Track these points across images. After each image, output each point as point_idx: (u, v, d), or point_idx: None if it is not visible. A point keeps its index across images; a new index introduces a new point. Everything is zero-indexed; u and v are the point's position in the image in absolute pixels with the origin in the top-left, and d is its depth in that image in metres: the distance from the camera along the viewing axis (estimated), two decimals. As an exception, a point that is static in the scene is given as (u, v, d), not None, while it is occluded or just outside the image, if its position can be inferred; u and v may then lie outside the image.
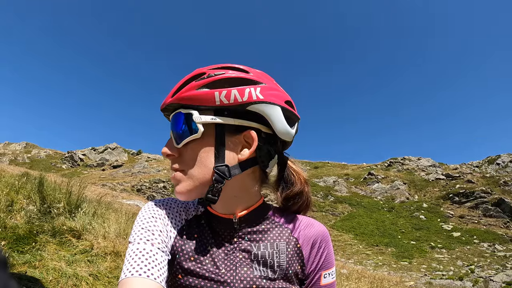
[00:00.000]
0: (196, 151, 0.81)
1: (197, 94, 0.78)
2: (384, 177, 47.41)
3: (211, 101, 0.78)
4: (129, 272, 0.67)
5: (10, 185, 5.83)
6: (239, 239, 0.85)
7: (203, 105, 0.79)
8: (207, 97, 0.78)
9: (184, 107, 0.81)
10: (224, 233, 0.85)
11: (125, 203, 13.91)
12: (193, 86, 0.79)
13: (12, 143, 69.32)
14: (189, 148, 0.81)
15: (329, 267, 0.90)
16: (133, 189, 36.90)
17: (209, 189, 0.80)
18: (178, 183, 0.82)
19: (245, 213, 0.86)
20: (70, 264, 3.87)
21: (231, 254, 0.83)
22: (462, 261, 22.04)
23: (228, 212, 0.85)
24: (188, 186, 0.81)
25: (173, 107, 0.84)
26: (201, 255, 0.81)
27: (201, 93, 0.78)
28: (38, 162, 58.39)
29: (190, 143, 0.80)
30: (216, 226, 0.86)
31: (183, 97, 0.80)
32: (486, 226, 29.95)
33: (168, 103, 0.83)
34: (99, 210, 5.87)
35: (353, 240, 28.34)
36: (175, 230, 0.84)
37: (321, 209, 37.27)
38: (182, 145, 0.81)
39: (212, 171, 0.79)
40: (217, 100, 0.77)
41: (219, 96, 0.77)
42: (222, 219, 0.85)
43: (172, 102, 0.82)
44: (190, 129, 0.79)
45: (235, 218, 0.84)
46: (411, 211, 35.89)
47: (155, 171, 48.89)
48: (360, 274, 12.21)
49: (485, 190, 35.09)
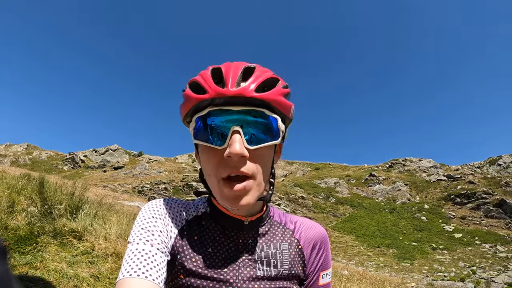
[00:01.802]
0: (264, 157, 0.79)
1: (284, 102, 0.78)
2: (386, 178, 47.42)
3: (288, 112, 0.80)
4: (127, 273, 0.66)
5: (12, 186, 5.83)
6: (244, 240, 0.86)
7: (284, 114, 0.79)
8: (288, 108, 0.80)
9: (269, 110, 0.77)
10: (231, 233, 0.86)
11: (126, 204, 13.93)
12: (281, 93, 0.77)
13: (14, 145, 69.42)
14: (258, 151, 0.76)
15: (327, 267, 0.95)
16: (134, 191, 36.95)
17: (268, 196, 0.84)
18: (246, 194, 0.74)
19: (256, 217, 0.88)
20: (71, 265, 3.86)
21: (235, 254, 0.83)
22: (464, 262, 22.02)
23: (243, 214, 0.86)
24: (256, 196, 0.77)
25: (254, 104, 0.75)
26: (202, 255, 0.81)
27: (286, 103, 0.79)
28: (40, 163, 58.46)
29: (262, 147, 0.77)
30: (226, 225, 0.86)
31: (274, 99, 0.76)
32: (488, 227, 29.92)
33: (254, 96, 0.73)
34: (100, 212, 5.87)
35: (355, 241, 28.34)
36: (176, 230, 0.83)
37: (323, 210, 37.30)
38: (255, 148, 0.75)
39: (269, 178, 0.83)
40: (291, 114, 0.82)
41: (292, 110, 0.82)
42: (234, 219, 0.85)
43: (259, 98, 0.74)
44: (272, 134, 0.78)
45: (246, 221, 0.85)
46: (412, 212, 35.86)
47: (156, 172, 48.90)
48: (361, 275, 12.21)
49: (486, 191, 35.07)
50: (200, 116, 0.76)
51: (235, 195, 0.73)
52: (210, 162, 0.76)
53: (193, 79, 0.79)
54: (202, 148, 0.79)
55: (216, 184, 0.76)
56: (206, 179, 0.82)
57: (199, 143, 0.77)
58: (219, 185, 0.75)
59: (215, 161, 0.75)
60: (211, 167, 0.76)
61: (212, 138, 0.75)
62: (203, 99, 0.74)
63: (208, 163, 0.77)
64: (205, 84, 0.74)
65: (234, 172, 0.73)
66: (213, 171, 0.76)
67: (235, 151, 0.70)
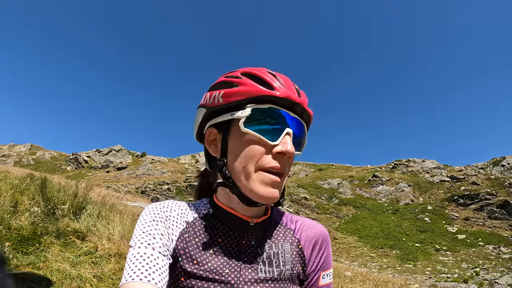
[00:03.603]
0: (291, 163, 0.84)
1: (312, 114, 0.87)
2: (389, 179, 47.27)
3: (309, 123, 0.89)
4: (129, 277, 0.66)
5: (15, 186, 5.85)
6: (247, 241, 0.86)
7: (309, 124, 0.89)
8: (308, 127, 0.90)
9: (307, 125, 0.88)
10: (235, 233, 0.85)
11: (130, 205, 13.97)
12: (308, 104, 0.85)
13: (17, 145, 69.61)
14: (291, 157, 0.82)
15: (327, 268, 0.93)
16: (138, 191, 36.99)
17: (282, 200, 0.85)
18: (279, 189, 0.80)
19: (262, 219, 0.89)
20: (74, 266, 3.87)
21: (237, 255, 0.83)
22: (467, 264, 21.92)
23: (250, 215, 0.86)
24: (279, 194, 0.81)
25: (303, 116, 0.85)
26: (204, 256, 0.81)
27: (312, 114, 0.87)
28: (43, 163, 58.61)
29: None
30: (231, 226, 0.86)
31: (309, 112, 0.86)
32: (491, 228, 29.77)
33: (307, 110, 0.85)
34: (104, 212, 5.89)
35: (358, 242, 28.26)
36: (177, 233, 0.83)
37: (326, 211, 37.22)
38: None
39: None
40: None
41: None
42: (240, 220, 0.85)
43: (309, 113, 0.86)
44: (300, 146, 0.86)
45: (252, 222, 0.85)
46: (415, 213, 35.74)
47: (159, 173, 48.95)
48: (364, 276, 12.17)
49: (490, 192, 34.89)
50: (258, 108, 0.79)
51: (272, 185, 0.78)
52: (254, 151, 0.78)
53: (251, 72, 0.82)
54: (243, 137, 0.80)
55: (253, 173, 0.78)
56: (234, 167, 0.81)
57: (250, 132, 0.78)
58: (258, 174, 0.78)
59: (260, 152, 0.78)
60: (252, 155, 0.78)
61: (266, 132, 0.78)
62: (270, 95, 0.78)
63: (249, 152, 0.79)
64: (273, 83, 0.79)
65: (277, 167, 0.78)
66: (254, 159, 0.78)
67: (291, 150, 0.77)
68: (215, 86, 0.86)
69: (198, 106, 0.91)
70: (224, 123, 0.84)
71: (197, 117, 0.91)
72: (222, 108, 0.82)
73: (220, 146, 0.85)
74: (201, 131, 0.93)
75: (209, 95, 0.85)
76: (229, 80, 0.83)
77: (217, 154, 0.86)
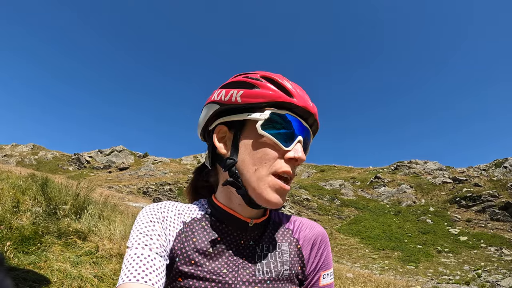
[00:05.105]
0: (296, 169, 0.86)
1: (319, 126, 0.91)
2: (391, 181, 47.20)
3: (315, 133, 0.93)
4: (126, 278, 0.66)
5: (17, 186, 5.87)
6: (245, 241, 0.86)
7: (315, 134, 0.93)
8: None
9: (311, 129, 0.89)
10: (234, 234, 0.85)
11: (131, 205, 13.98)
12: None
13: (19, 145, 69.92)
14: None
15: (327, 268, 0.92)
16: (139, 192, 37.08)
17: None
18: (285, 196, 0.82)
19: (261, 220, 0.88)
20: (75, 266, 3.88)
21: (235, 255, 0.83)
22: (469, 266, 21.83)
23: (249, 216, 0.86)
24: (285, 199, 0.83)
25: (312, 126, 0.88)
26: (201, 257, 0.80)
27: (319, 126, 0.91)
28: (45, 163, 58.82)
29: None
30: (230, 226, 0.86)
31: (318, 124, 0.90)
32: (493, 230, 29.66)
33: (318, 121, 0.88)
34: (105, 212, 5.90)
35: (359, 244, 28.22)
36: (174, 233, 0.82)
37: (327, 212, 37.18)
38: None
39: None
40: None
41: None
42: (239, 220, 0.85)
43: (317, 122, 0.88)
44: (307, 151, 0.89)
45: (251, 223, 0.85)
46: (417, 215, 35.64)
47: (161, 173, 49.06)
48: (366, 278, 12.17)
49: (492, 193, 34.77)
50: (276, 113, 0.79)
51: (282, 193, 0.80)
52: (268, 155, 0.79)
53: (271, 77, 0.83)
54: (258, 139, 0.80)
55: (265, 176, 0.78)
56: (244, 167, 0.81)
57: (267, 135, 0.78)
58: (270, 178, 0.78)
59: (273, 156, 0.79)
60: (266, 159, 0.79)
61: (281, 137, 0.79)
62: (289, 102, 0.80)
63: (263, 154, 0.79)
64: (293, 90, 0.81)
65: (290, 172, 0.80)
66: (268, 163, 0.79)
67: (302, 157, 0.80)
68: (231, 84, 0.86)
69: (207, 102, 0.90)
70: (237, 123, 0.83)
71: (206, 113, 0.90)
72: (239, 108, 0.82)
73: (231, 145, 0.84)
74: (207, 127, 0.93)
75: (224, 92, 0.84)
76: (248, 81, 0.82)
77: (226, 152, 0.85)
